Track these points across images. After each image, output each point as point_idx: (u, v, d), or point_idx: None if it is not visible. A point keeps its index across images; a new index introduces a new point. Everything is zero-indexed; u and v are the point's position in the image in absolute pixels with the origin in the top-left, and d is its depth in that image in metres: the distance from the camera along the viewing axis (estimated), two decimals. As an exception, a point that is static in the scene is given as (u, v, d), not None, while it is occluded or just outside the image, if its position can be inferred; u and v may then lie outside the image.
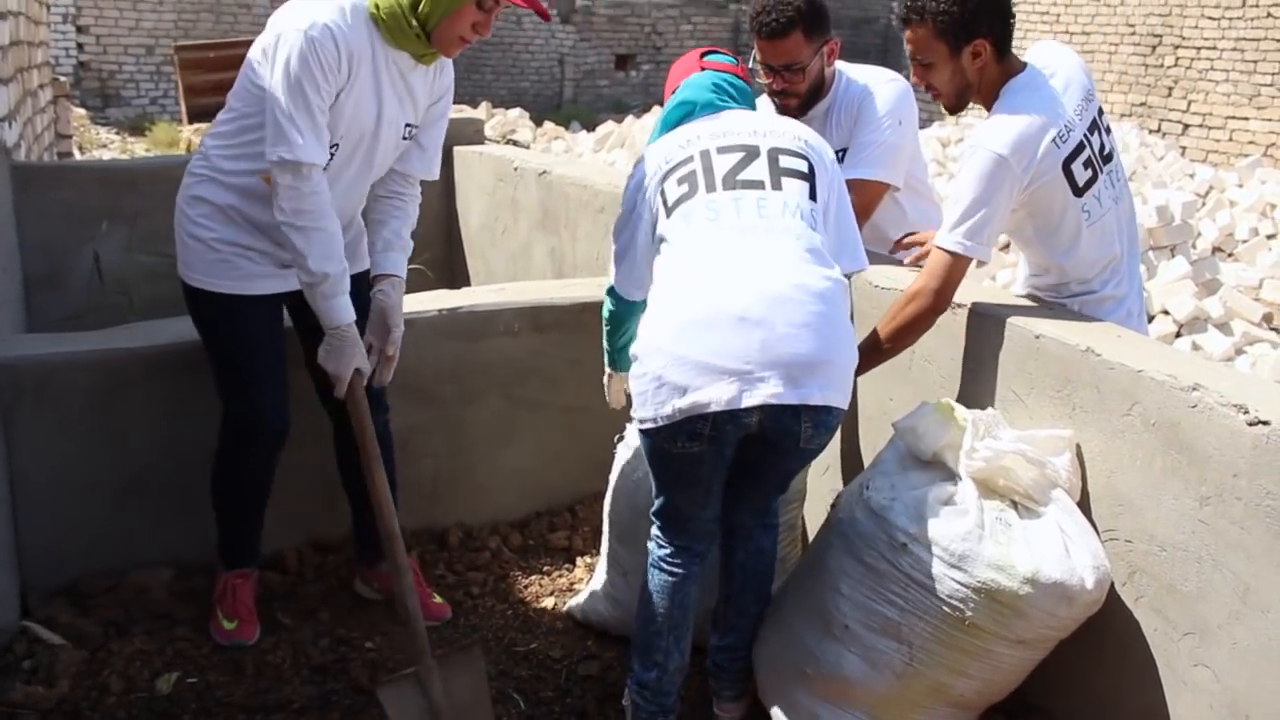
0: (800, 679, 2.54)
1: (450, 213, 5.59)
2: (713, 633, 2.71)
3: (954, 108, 2.79)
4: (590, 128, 15.21)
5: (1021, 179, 2.62)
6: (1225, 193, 9.77)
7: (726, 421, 2.34)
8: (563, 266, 4.66)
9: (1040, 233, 2.79)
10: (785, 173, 2.50)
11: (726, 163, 2.51)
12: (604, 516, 3.10)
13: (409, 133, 2.85)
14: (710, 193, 2.48)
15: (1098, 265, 2.80)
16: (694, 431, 2.36)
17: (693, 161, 2.52)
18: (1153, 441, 2.26)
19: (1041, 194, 2.67)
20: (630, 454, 2.98)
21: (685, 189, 2.50)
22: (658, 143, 2.63)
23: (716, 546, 2.66)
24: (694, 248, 2.45)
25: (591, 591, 3.14)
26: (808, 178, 2.52)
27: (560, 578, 3.40)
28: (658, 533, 2.61)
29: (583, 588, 3.25)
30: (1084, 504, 2.45)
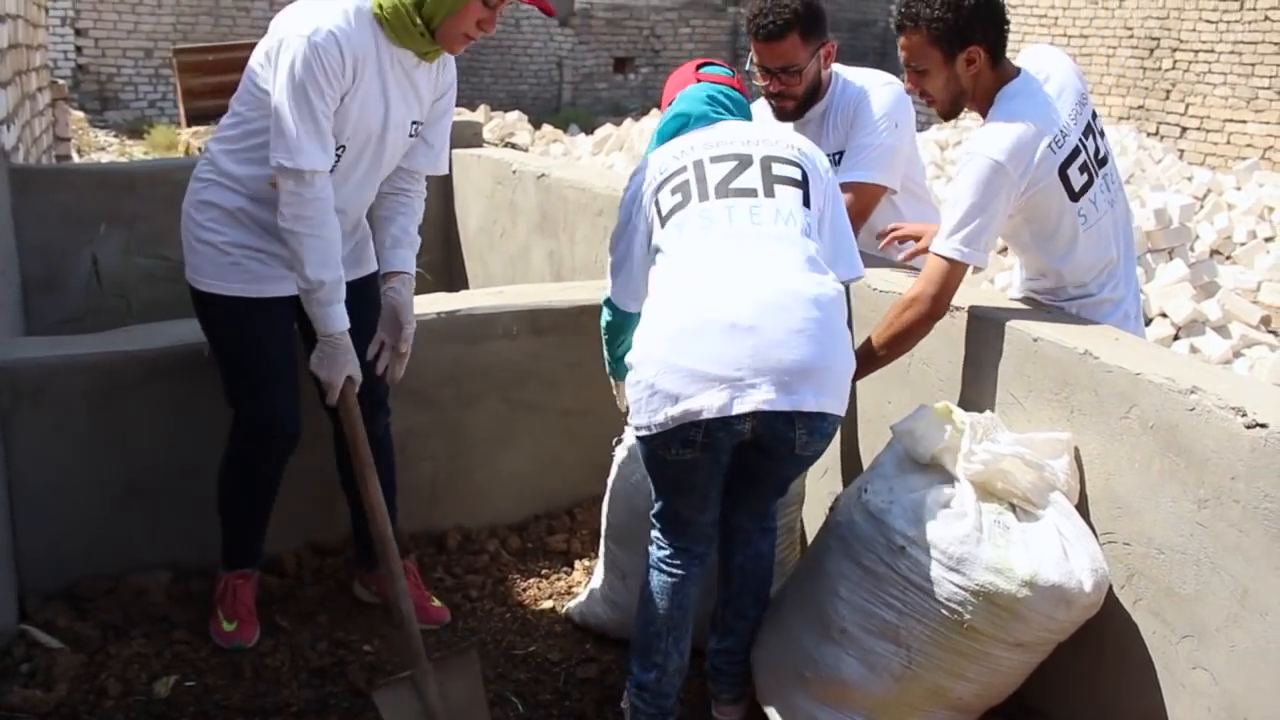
0: (798, 682, 2.54)
1: (449, 216, 5.59)
2: (711, 636, 2.71)
3: (948, 114, 2.80)
4: (589, 131, 15.21)
5: (1018, 185, 2.62)
6: (1223, 195, 9.78)
7: (719, 429, 2.34)
8: (561, 269, 4.66)
9: (1037, 238, 2.79)
10: (778, 180, 2.51)
11: (719, 172, 2.51)
12: (602, 519, 3.10)
13: (415, 130, 2.85)
14: (703, 201, 2.48)
15: (1094, 269, 2.81)
16: (687, 439, 2.37)
17: (686, 171, 2.53)
18: (1151, 444, 2.26)
19: (1038, 199, 2.68)
20: (628, 457, 2.98)
21: (679, 199, 2.51)
22: (653, 155, 2.65)
23: (715, 549, 2.66)
24: (687, 256, 2.45)
25: (590, 594, 3.14)
26: (801, 185, 2.52)
27: (559, 581, 3.40)
28: (657, 535, 2.61)
29: (581, 590, 3.25)
30: (1082, 507, 2.45)
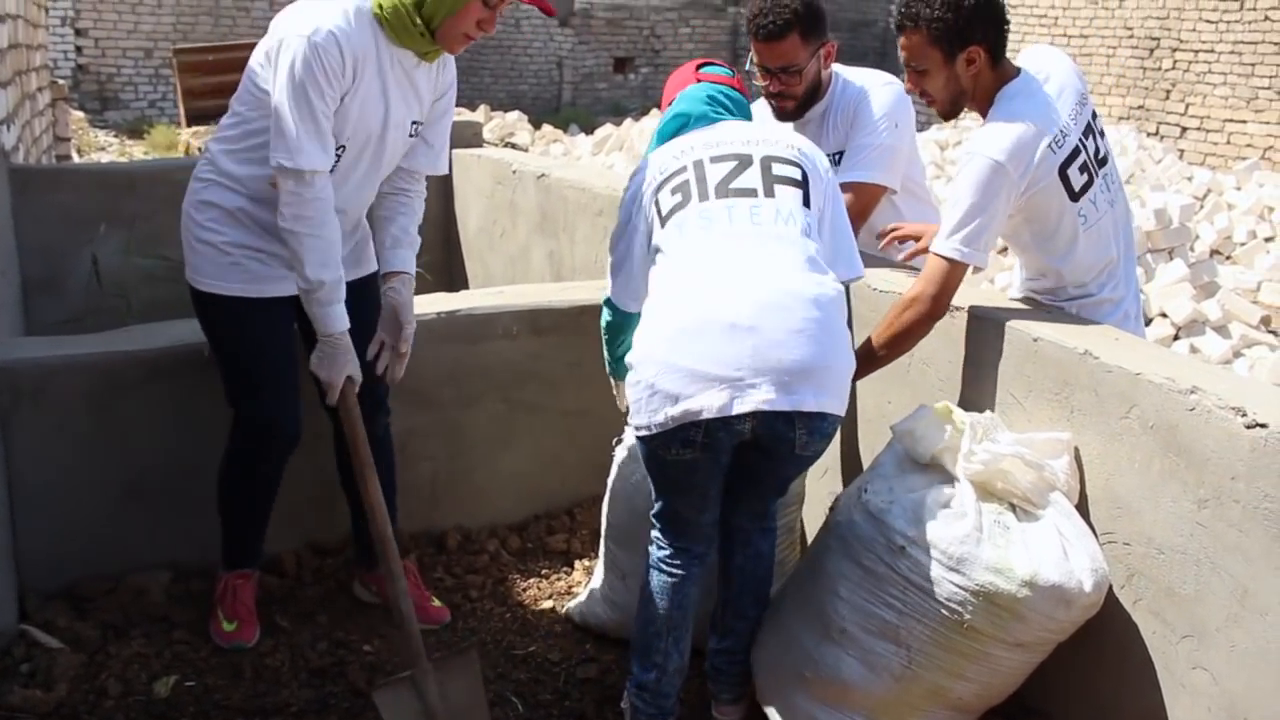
0: (798, 682, 2.54)
1: (449, 216, 5.59)
2: (711, 636, 2.71)
3: (948, 114, 2.80)
4: (589, 131, 15.21)
5: (1018, 185, 2.62)
6: (1223, 195, 9.79)
7: (719, 429, 2.34)
8: (561, 269, 4.66)
9: (1037, 238, 2.79)
10: (778, 180, 2.51)
11: (719, 172, 2.51)
12: (602, 519, 3.10)
13: (415, 130, 2.85)
14: (703, 201, 2.48)
15: (1094, 269, 2.81)
16: (687, 439, 2.37)
17: (686, 171, 2.53)
18: (1151, 444, 2.26)
19: (1038, 200, 2.68)
20: (628, 457, 2.98)
21: (679, 199, 2.51)
22: (653, 155, 2.64)
23: (716, 549, 2.66)
24: (687, 256, 2.45)
25: (590, 594, 3.14)
26: (801, 185, 2.52)
27: (559, 581, 3.40)
28: (657, 535, 2.61)
29: (581, 591, 3.25)
30: (1082, 507, 2.45)
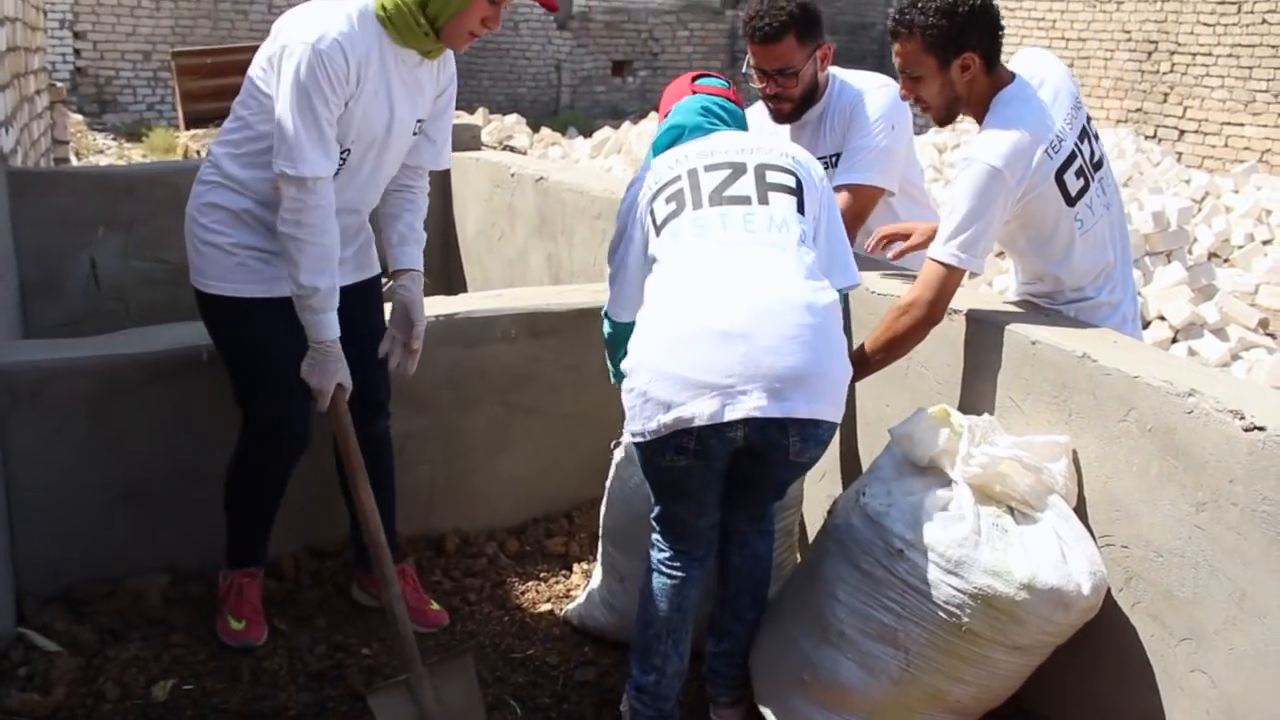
0: (797, 685, 2.54)
1: (447, 219, 5.59)
2: (709, 638, 2.71)
3: (943, 120, 2.79)
4: (587, 134, 15.22)
5: (1015, 191, 2.62)
6: (1221, 198, 9.80)
7: (711, 436, 2.35)
8: (559, 272, 4.66)
9: (1034, 243, 2.79)
10: (772, 188, 2.51)
11: (713, 180, 2.52)
12: (600, 523, 3.10)
13: (418, 128, 2.86)
14: (697, 209, 2.49)
15: (1092, 273, 2.81)
16: (680, 446, 2.37)
17: (680, 180, 2.54)
18: (1149, 447, 2.26)
19: (1035, 205, 2.68)
20: (626, 460, 2.98)
21: (673, 207, 2.52)
22: (648, 166, 2.66)
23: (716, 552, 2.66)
24: (681, 264, 2.46)
25: (588, 597, 3.14)
26: (795, 192, 2.53)
27: (557, 584, 3.40)
28: (657, 537, 2.61)
29: (579, 594, 3.25)
30: (1080, 510, 2.45)
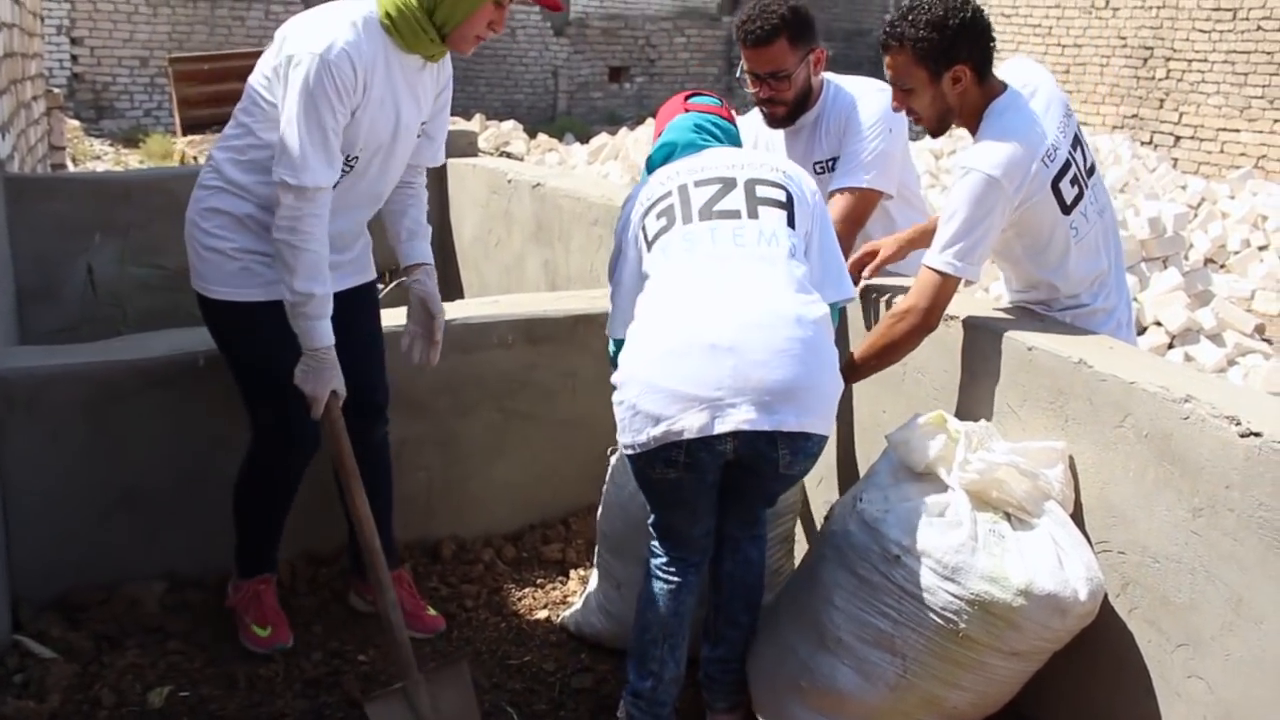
0: (794, 691, 2.54)
1: (444, 225, 5.59)
2: (704, 644, 2.71)
3: (936, 131, 2.80)
4: (584, 140, 15.22)
5: (1013, 200, 2.62)
6: (1217, 204, 9.82)
7: (700, 449, 2.35)
8: (556, 279, 4.66)
9: (1029, 251, 2.79)
10: (762, 202, 2.52)
11: (703, 195, 2.54)
12: (597, 529, 3.10)
13: (421, 130, 2.87)
14: (687, 224, 2.51)
15: (1087, 280, 2.81)
16: (669, 458, 2.38)
17: (671, 196, 2.56)
18: (1145, 453, 2.27)
19: (1031, 214, 2.68)
20: (622, 466, 2.97)
21: (663, 223, 2.53)
22: (642, 183, 2.67)
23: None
24: (671, 278, 2.47)
25: (585, 604, 3.14)
26: (785, 206, 2.53)
27: (554, 590, 3.39)
28: (654, 543, 2.62)
29: (576, 600, 3.25)
30: (1077, 516, 2.45)
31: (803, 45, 3.17)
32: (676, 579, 2.58)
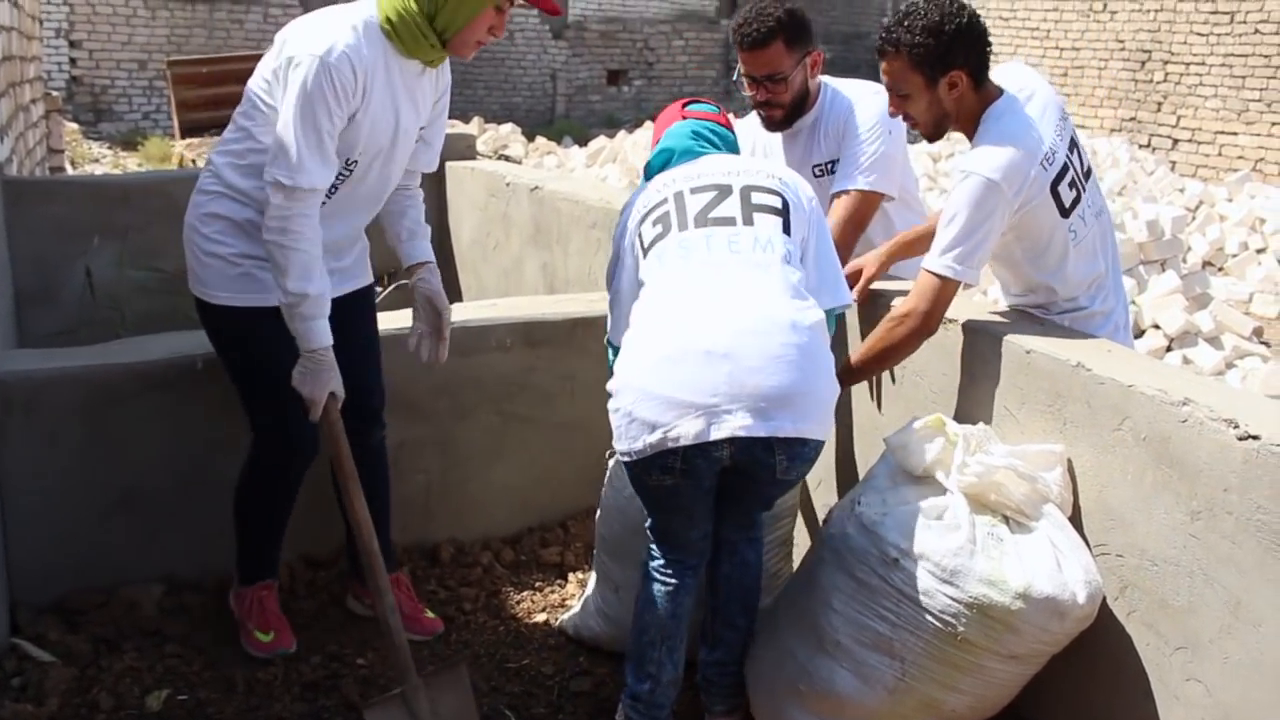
0: (793, 694, 2.54)
1: (442, 228, 5.59)
2: (702, 646, 2.71)
3: (932, 136, 2.80)
4: (582, 143, 15.22)
5: (1013, 204, 2.62)
6: (1215, 207, 9.83)
7: (696, 455, 2.35)
8: (554, 282, 4.66)
9: (1028, 254, 2.79)
10: (758, 209, 2.53)
11: (699, 202, 2.54)
12: (595, 532, 3.10)
13: (420, 135, 2.88)
14: (682, 231, 2.51)
15: (1085, 283, 2.81)
16: (665, 465, 2.38)
17: (667, 203, 2.57)
18: (1143, 456, 2.27)
19: (1030, 217, 2.68)
20: (621, 470, 2.98)
21: (659, 230, 2.54)
22: (640, 190, 2.68)
23: (710, 561, 2.66)
24: (666, 285, 2.48)
25: (583, 607, 3.14)
26: (781, 213, 2.54)
27: (552, 593, 3.39)
28: (652, 546, 2.62)
29: (575, 603, 3.25)
30: (1075, 519, 2.45)
31: (799, 48, 3.17)
32: (674, 581, 2.58)
